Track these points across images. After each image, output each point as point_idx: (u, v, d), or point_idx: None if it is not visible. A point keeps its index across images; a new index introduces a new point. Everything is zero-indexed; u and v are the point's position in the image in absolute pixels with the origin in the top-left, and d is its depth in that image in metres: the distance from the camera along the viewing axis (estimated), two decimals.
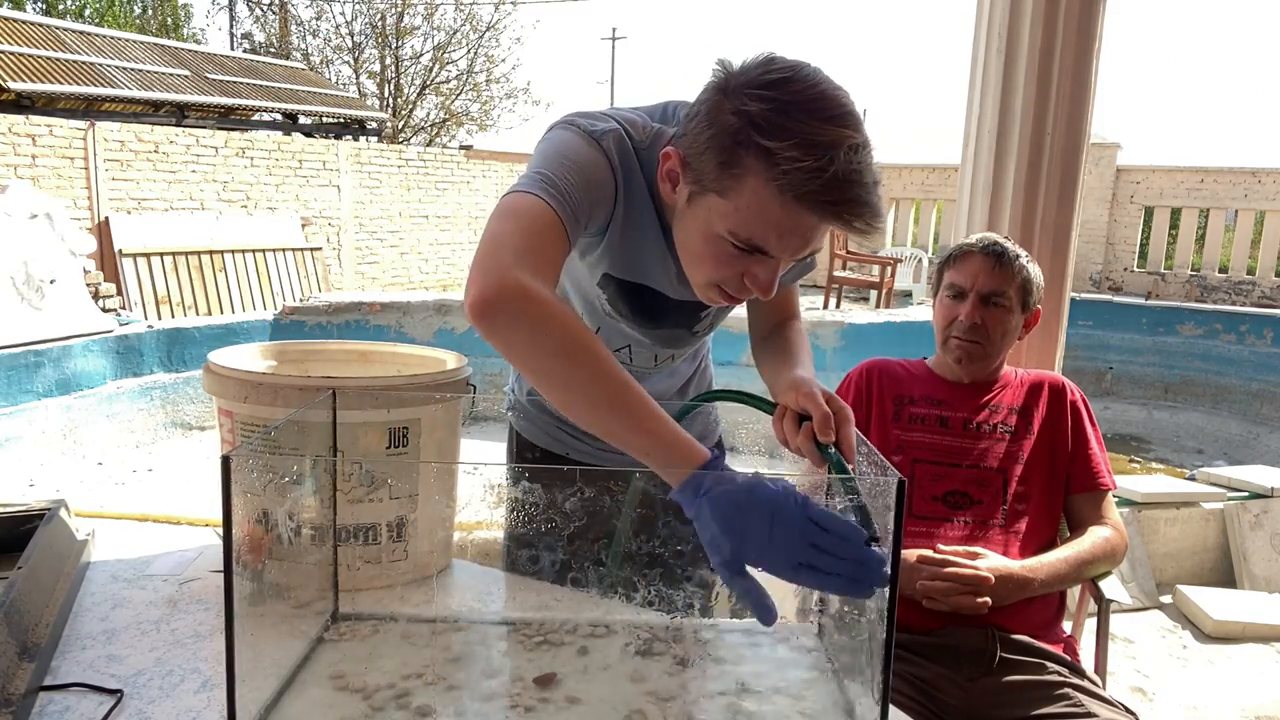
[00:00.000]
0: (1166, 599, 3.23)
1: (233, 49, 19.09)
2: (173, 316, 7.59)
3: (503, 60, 20.94)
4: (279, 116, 12.46)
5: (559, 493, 0.97)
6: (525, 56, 55.29)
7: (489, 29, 19.30)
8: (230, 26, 21.21)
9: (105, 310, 5.68)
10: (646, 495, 1.06)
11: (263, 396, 1.23)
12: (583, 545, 1.08)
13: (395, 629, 1.14)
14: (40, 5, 21.56)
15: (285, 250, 9.19)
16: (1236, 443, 6.09)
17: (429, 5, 18.89)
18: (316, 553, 1.16)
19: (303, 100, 12.82)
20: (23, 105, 8.83)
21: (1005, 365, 1.80)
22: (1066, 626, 1.73)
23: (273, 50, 19.48)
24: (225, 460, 0.83)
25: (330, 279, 9.88)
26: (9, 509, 1.36)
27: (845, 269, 9.72)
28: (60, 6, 22.07)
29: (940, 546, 1.59)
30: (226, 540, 0.85)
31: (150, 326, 5.00)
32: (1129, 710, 1.51)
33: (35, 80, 9.11)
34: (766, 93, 0.92)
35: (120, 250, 7.73)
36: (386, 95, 19.33)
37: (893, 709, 0.91)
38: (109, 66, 10.35)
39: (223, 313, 8.09)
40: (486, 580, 1.35)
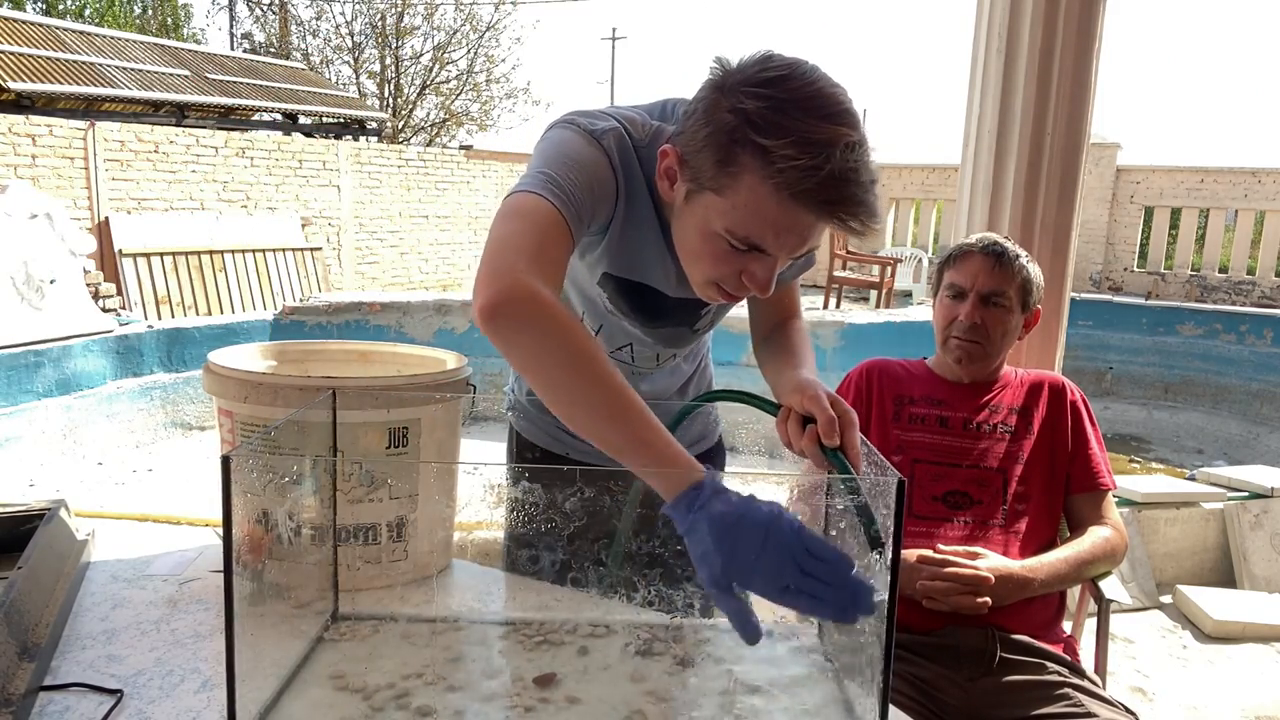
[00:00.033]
0: (1166, 599, 3.23)
1: (233, 49, 19.09)
2: (173, 316, 7.59)
3: (503, 60, 20.95)
4: (279, 116, 12.46)
5: (559, 493, 0.97)
6: (525, 56, 55.35)
7: (489, 29, 19.32)
8: (230, 26, 21.24)
9: (105, 310, 5.67)
10: (647, 495, 1.05)
11: (263, 396, 1.23)
12: (583, 545, 1.08)
13: (395, 629, 1.14)
14: (40, 5, 21.57)
15: (285, 250, 9.19)
16: (1236, 443, 6.09)
17: (429, 5, 18.90)
18: (316, 553, 1.16)
19: (303, 100, 12.82)
20: (23, 105, 8.83)
21: (1005, 365, 1.80)
22: (1066, 626, 1.73)
23: (273, 50, 19.48)
24: (225, 460, 0.83)
25: (330, 279, 9.88)
26: (9, 509, 1.36)
27: (845, 269, 9.72)
28: (60, 6, 22.07)
29: (940, 546, 1.59)
30: (226, 540, 0.85)
31: (150, 326, 5.00)
32: (1129, 710, 1.51)
33: (35, 80, 9.11)
34: (763, 90, 0.92)
35: (120, 250, 7.73)
36: (386, 95, 19.33)
37: (893, 709, 0.91)
38: (109, 66, 10.35)
39: (223, 313, 8.09)
40: (486, 580, 1.35)
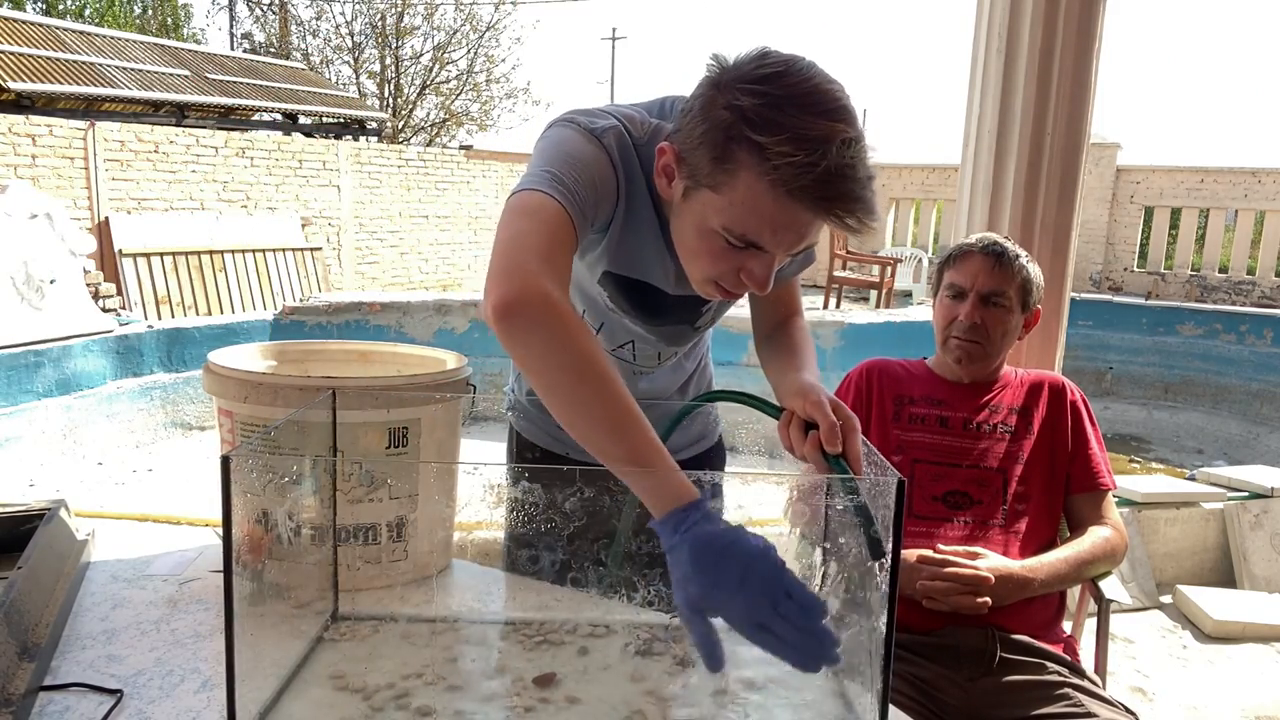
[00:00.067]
0: (1166, 599, 3.23)
1: (233, 49, 19.09)
2: (173, 316, 7.59)
3: (503, 60, 20.92)
4: (279, 116, 12.46)
5: (559, 493, 0.97)
6: (525, 56, 55.34)
7: (489, 29, 19.32)
8: (230, 26, 21.23)
9: (105, 310, 5.68)
10: None
11: (263, 396, 1.23)
12: (583, 545, 1.08)
13: (395, 629, 1.14)
14: (40, 5, 21.57)
15: (285, 250, 9.18)
16: (1236, 443, 6.09)
17: (429, 5, 18.90)
18: (316, 553, 1.16)
19: (303, 100, 12.82)
20: (23, 105, 8.83)
21: (1005, 365, 1.80)
22: (1066, 626, 1.73)
23: (273, 50, 19.48)
24: (225, 460, 0.83)
25: (330, 279, 9.88)
26: (9, 509, 1.36)
27: (845, 269, 9.72)
28: (60, 6, 22.07)
29: (940, 546, 1.59)
30: (226, 540, 0.85)
31: (150, 326, 5.01)
32: (1129, 710, 1.51)
33: (35, 80, 9.11)
34: (759, 87, 0.92)
35: (120, 250, 7.73)
36: (386, 95, 19.33)
37: (893, 709, 0.91)
38: (109, 66, 10.35)
39: (223, 313, 8.09)
40: (486, 580, 1.34)
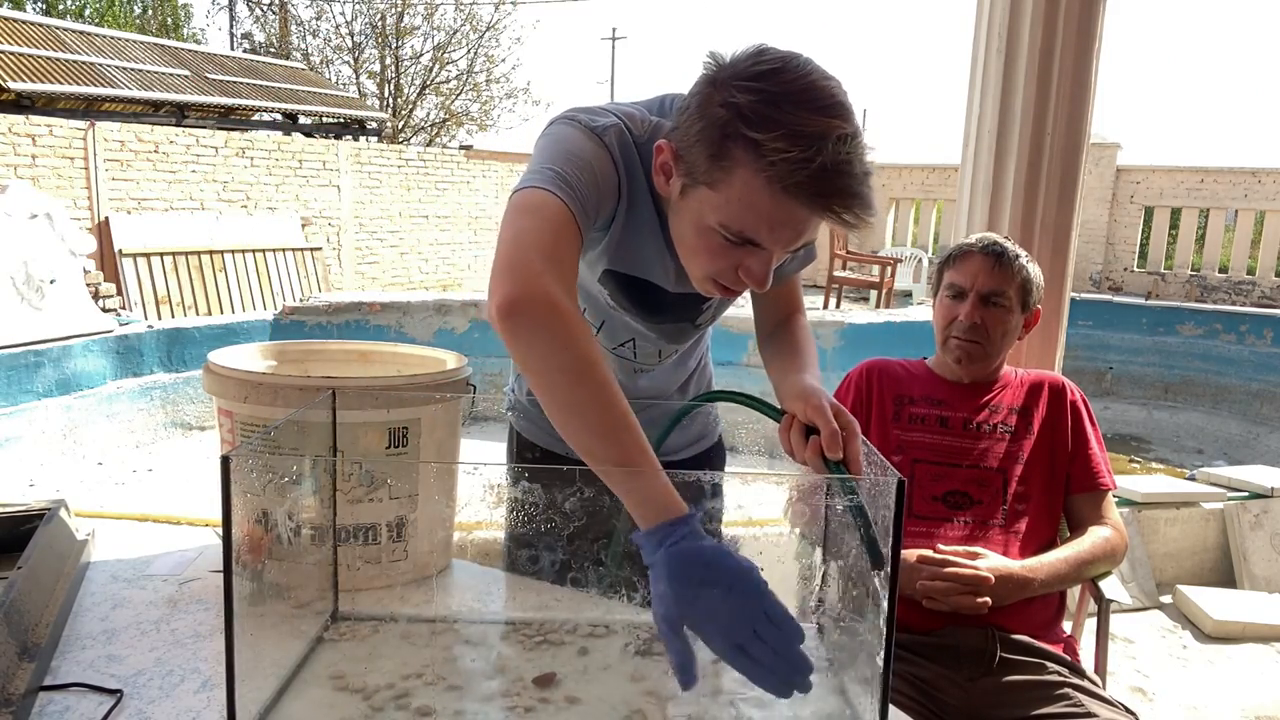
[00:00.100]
0: (1166, 599, 3.23)
1: (233, 49, 19.09)
2: (173, 316, 7.59)
3: (503, 60, 20.91)
4: (279, 116, 12.46)
5: (559, 493, 0.97)
6: (525, 56, 55.33)
7: (489, 29, 19.31)
8: (230, 26, 21.23)
9: (105, 310, 5.68)
10: None
11: (263, 396, 1.23)
12: (583, 545, 1.08)
13: (395, 629, 1.14)
14: (40, 5, 21.57)
15: (285, 250, 9.18)
16: (1236, 443, 6.09)
17: (429, 5, 18.90)
18: (316, 553, 1.16)
19: (303, 100, 12.82)
20: (23, 105, 8.83)
21: (1005, 365, 1.80)
22: (1066, 626, 1.73)
23: (273, 50, 19.48)
24: (225, 460, 0.83)
25: (330, 279, 9.88)
26: (9, 509, 1.36)
27: (845, 269, 9.72)
28: (60, 6, 22.07)
29: (940, 546, 1.59)
30: (226, 540, 0.85)
31: (150, 326, 5.01)
32: (1129, 710, 1.51)
33: (35, 80, 9.11)
34: (755, 84, 0.92)
35: (120, 250, 7.73)
36: (386, 95, 19.33)
37: (893, 709, 0.91)
38: (109, 66, 10.35)
39: (223, 313, 8.09)
40: (486, 580, 1.34)
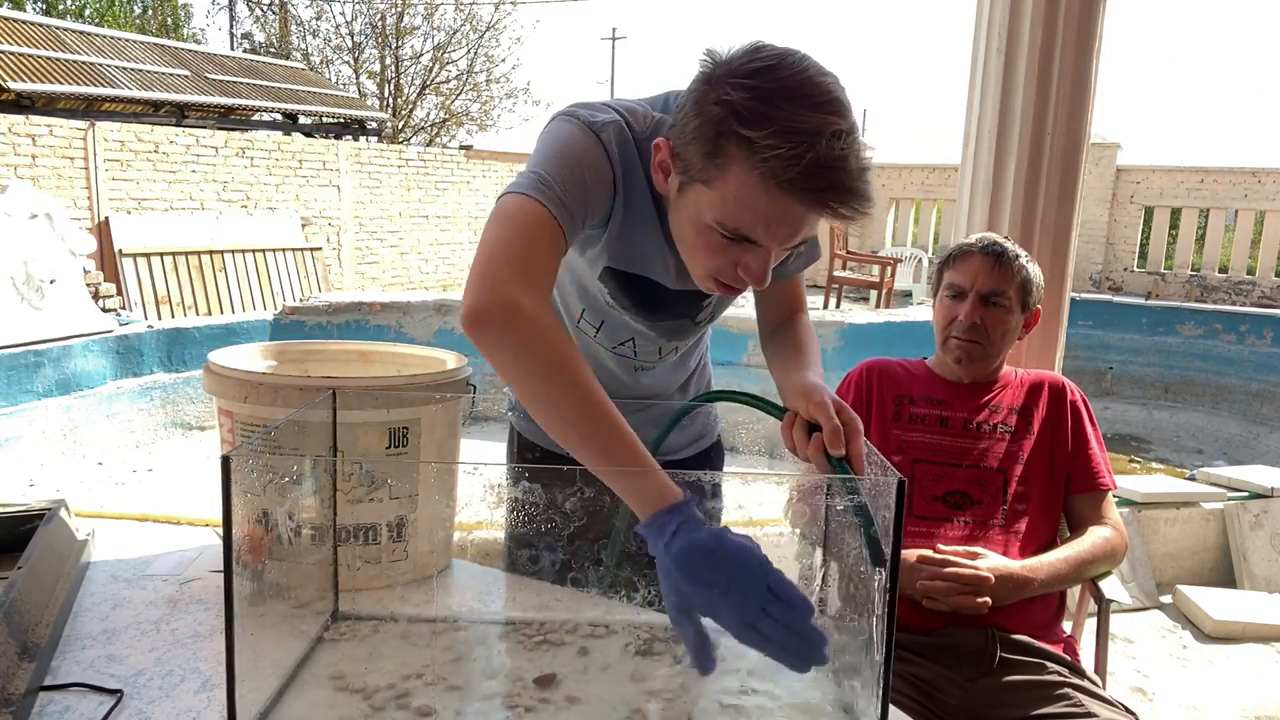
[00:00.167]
0: (1166, 599, 3.23)
1: (233, 49, 19.09)
2: (173, 316, 7.59)
3: (503, 60, 20.94)
4: (279, 116, 12.46)
5: (559, 493, 0.97)
6: (525, 56, 55.41)
7: (489, 29, 19.32)
8: (230, 26, 21.23)
9: (105, 310, 5.68)
10: None
11: (263, 396, 1.23)
12: (583, 545, 1.08)
13: (395, 629, 1.14)
14: (40, 5, 21.57)
15: (285, 250, 9.19)
16: (1236, 443, 6.09)
17: (429, 5, 18.90)
18: (316, 553, 1.16)
19: (303, 100, 12.82)
20: (23, 105, 8.83)
21: (1005, 365, 1.80)
22: (1066, 626, 1.73)
23: (273, 50, 19.48)
24: (225, 460, 0.83)
25: (330, 279, 9.88)
26: (9, 509, 1.36)
27: (845, 269, 9.73)
28: (60, 6, 22.07)
29: (940, 546, 1.59)
30: (226, 540, 0.85)
31: (150, 326, 5.01)
32: (1129, 710, 1.51)
33: (35, 80, 9.11)
34: (749, 81, 0.92)
35: (120, 250, 7.73)
36: (386, 95, 19.33)
37: (893, 709, 0.91)
38: (109, 66, 10.35)
39: (223, 313, 8.10)
40: (486, 580, 1.34)
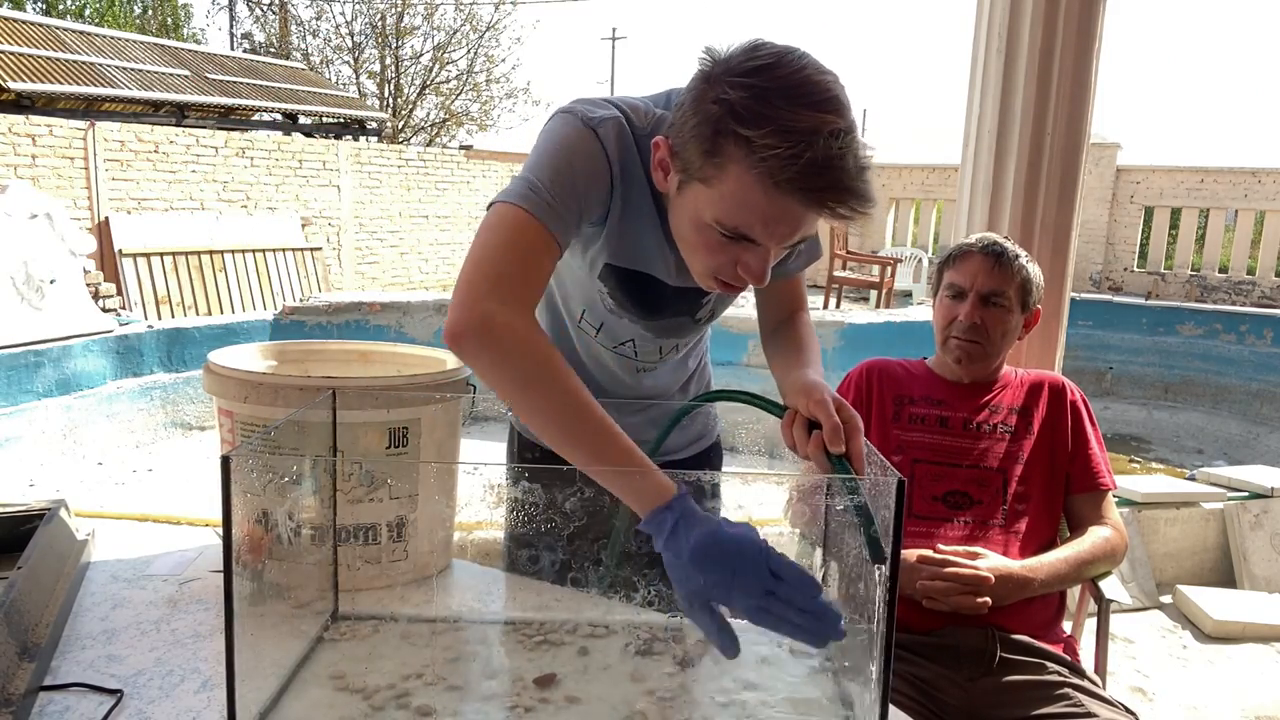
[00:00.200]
0: (1166, 599, 3.23)
1: (233, 49, 19.09)
2: (173, 316, 7.59)
3: (503, 60, 20.93)
4: (279, 116, 12.46)
5: (559, 493, 0.97)
6: (525, 56, 55.41)
7: (489, 29, 19.32)
8: (230, 26, 21.23)
9: (105, 310, 5.68)
10: None
11: (263, 396, 1.23)
12: (583, 545, 1.08)
13: (395, 629, 1.14)
14: (40, 5, 21.56)
15: (285, 250, 9.19)
16: (1236, 443, 6.09)
17: (429, 5, 18.90)
18: (316, 553, 1.16)
19: (303, 100, 12.82)
20: (23, 105, 8.83)
21: (1005, 365, 1.80)
22: (1066, 626, 1.73)
23: (273, 50, 19.48)
24: (225, 460, 0.83)
25: (330, 279, 9.88)
26: (9, 509, 1.36)
27: (845, 269, 9.73)
28: (60, 6, 22.07)
29: (940, 546, 1.59)
30: (226, 540, 0.85)
31: (150, 326, 5.01)
32: (1129, 710, 1.51)
33: (35, 80, 9.11)
34: (747, 80, 0.92)
35: (120, 250, 7.73)
36: (386, 95, 19.33)
37: (893, 709, 0.91)
38: (109, 66, 10.35)
39: (223, 313, 8.10)
40: (486, 580, 1.34)
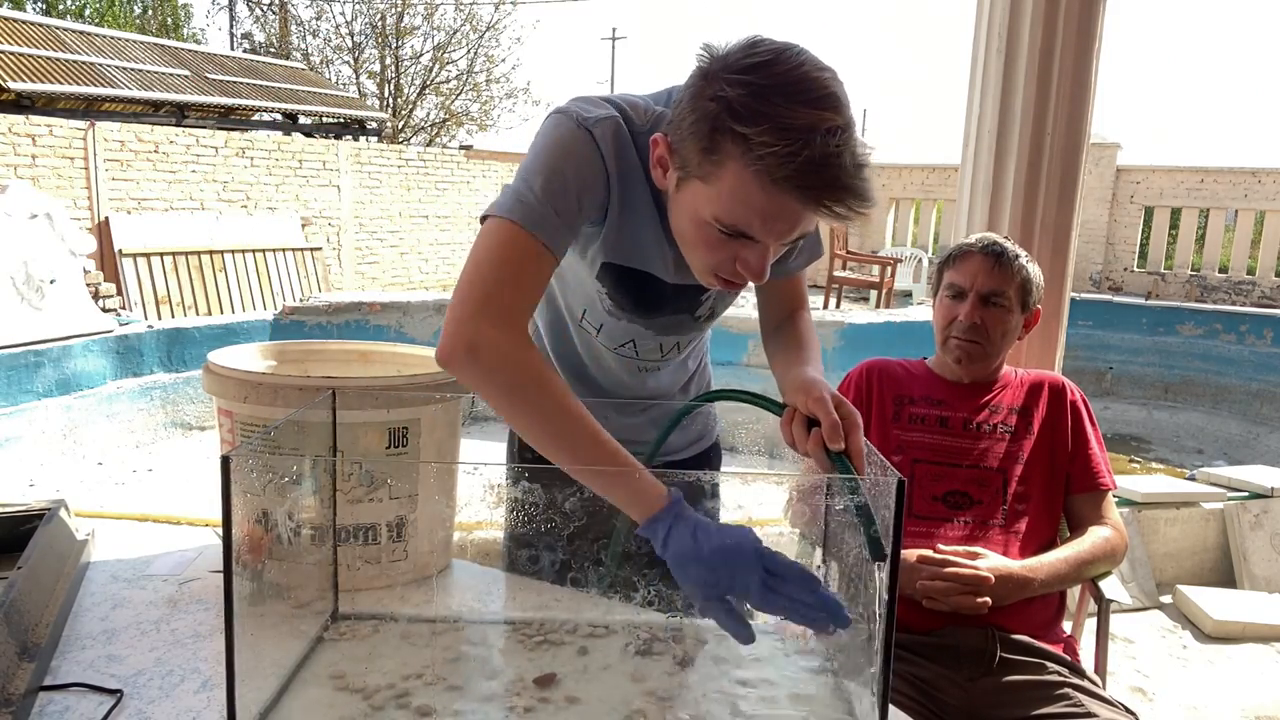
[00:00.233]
0: (1166, 599, 3.23)
1: (233, 49, 19.09)
2: (173, 316, 7.59)
3: (503, 60, 20.93)
4: (279, 116, 12.46)
5: (559, 493, 0.97)
6: (525, 56, 55.32)
7: (489, 29, 19.32)
8: (230, 26, 21.23)
9: (105, 310, 5.68)
10: None
11: (263, 396, 1.23)
12: (583, 545, 1.08)
13: (395, 629, 1.14)
14: (40, 5, 21.56)
15: (285, 250, 9.19)
16: (1236, 443, 6.09)
17: (429, 5, 18.90)
18: (316, 553, 1.16)
19: (303, 100, 12.82)
20: (23, 105, 8.83)
21: (1005, 365, 1.80)
22: (1066, 626, 1.73)
23: (273, 50, 19.48)
24: (225, 460, 0.83)
25: (330, 279, 9.88)
26: (9, 509, 1.36)
27: (845, 269, 9.73)
28: (60, 6, 22.07)
29: (940, 546, 1.59)
30: (226, 540, 0.85)
31: (150, 326, 5.01)
32: (1129, 710, 1.51)
33: (35, 80, 9.11)
34: (744, 77, 0.92)
35: (120, 250, 7.73)
36: (386, 95, 19.33)
37: (893, 709, 0.91)
38: (109, 66, 10.35)
39: (223, 313, 8.10)
40: (486, 580, 1.34)
